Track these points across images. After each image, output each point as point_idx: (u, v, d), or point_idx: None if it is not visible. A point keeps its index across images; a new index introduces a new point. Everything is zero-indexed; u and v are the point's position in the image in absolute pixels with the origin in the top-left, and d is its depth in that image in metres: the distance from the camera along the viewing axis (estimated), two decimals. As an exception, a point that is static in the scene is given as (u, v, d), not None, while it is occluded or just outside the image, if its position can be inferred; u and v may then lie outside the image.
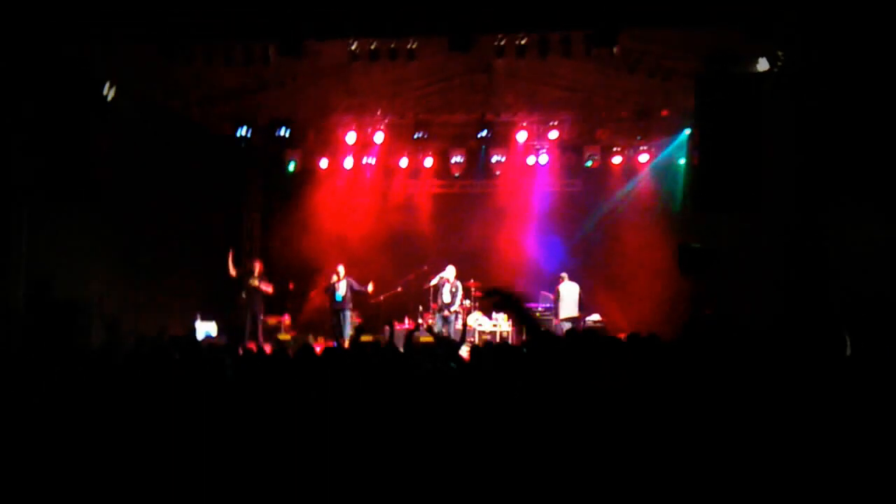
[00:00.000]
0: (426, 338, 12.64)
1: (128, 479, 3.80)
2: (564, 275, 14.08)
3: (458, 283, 13.96)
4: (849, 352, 4.00)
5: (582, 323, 13.80)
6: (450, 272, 13.93)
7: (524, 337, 11.79)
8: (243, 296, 13.76)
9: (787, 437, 3.62)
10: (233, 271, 13.59)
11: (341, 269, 13.96)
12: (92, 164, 10.40)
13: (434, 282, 14.02)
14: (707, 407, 4.00)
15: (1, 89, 9.55)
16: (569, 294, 13.94)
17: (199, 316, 13.35)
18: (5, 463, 3.87)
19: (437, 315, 13.98)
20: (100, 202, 10.82)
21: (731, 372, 4.35)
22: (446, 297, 13.90)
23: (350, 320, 13.89)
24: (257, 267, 13.95)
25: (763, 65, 9.98)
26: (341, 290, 13.83)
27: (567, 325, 13.68)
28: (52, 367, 5.04)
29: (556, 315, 14.00)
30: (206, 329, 13.28)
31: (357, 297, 14.11)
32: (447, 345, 5.80)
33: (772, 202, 9.63)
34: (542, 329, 4.17)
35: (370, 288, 13.91)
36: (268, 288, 13.82)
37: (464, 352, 6.78)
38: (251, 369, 4.97)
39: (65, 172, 10.17)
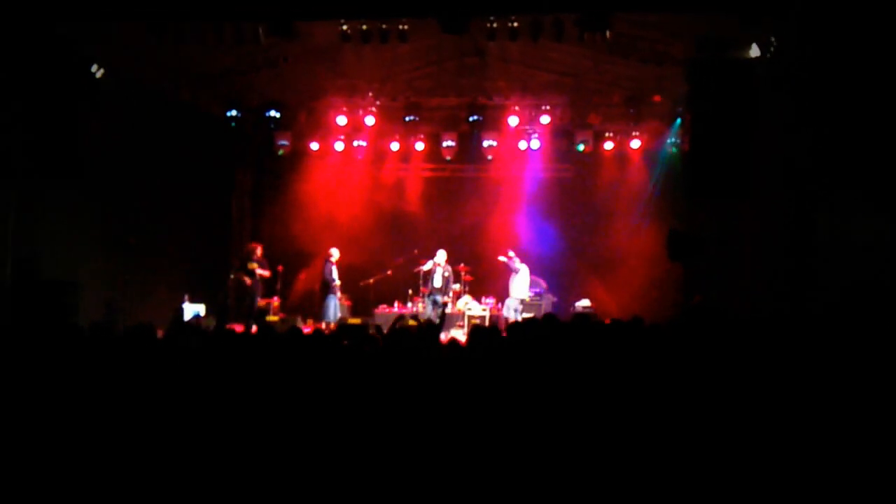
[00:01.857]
0: (412, 322, 12.68)
1: (116, 453, 3.78)
2: (512, 252, 14.00)
3: (450, 268, 13.96)
4: None
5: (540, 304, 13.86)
6: (441, 257, 13.92)
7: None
8: (231, 276, 13.70)
9: (779, 425, 3.62)
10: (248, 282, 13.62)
11: (335, 251, 13.92)
12: (80, 144, 10.35)
13: (427, 267, 13.99)
14: (699, 390, 4.00)
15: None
16: (523, 274, 13.93)
17: (186, 297, 13.29)
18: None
19: (428, 299, 13.97)
20: (88, 182, 10.77)
21: (724, 357, 4.35)
22: (438, 282, 13.91)
23: (340, 303, 13.84)
24: (258, 250, 13.88)
25: (755, 51, 9.96)
26: (335, 273, 13.80)
27: (520, 308, 13.70)
28: (43, 345, 5.01)
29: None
30: (194, 310, 13.23)
31: (346, 280, 14.08)
32: (429, 329, 5.79)
33: (762, 189, 9.63)
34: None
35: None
36: (264, 272, 13.75)
37: (459, 335, 6.85)
38: (231, 348, 4.96)
39: (53, 152, 10.13)
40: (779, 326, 5.56)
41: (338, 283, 13.69)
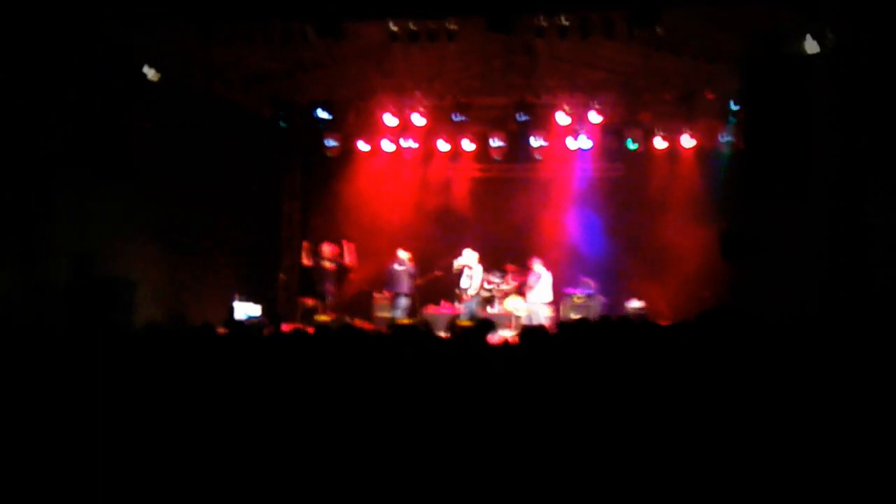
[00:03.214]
0: (465, 322, 12.67)
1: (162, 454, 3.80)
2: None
3: (478, 268, 14.05)
4: None
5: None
6: (467, 257, 14.05)
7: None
8: (282, 276, 13.91)
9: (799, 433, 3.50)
10: (307, 261, 13.95)
11: (403, 254, 14.09)
12: (133, 144, 10.52)
13: (455, 267, 14.14)
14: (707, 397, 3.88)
15: (45, 69, 9.66)
16: (546, 276, 13.89)
17: (237, 296, 13.43)
18: (52, 435, 3.90)
19: (473, 300, 14.05)
20: (141, 181, 10.95)
21: (739, 365, 4.20)
22: (464, 283, 14.07)
23: (403, 307, 13.95)
24: (327, 249, 14.12)
25: (811, 45, 9.72)
26: (402, 276, 13.96)
27: (546, 311, 13.74)
28: (98, 344, 5.07)
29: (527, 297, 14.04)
30: (246, 310, 13.36)
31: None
32: (482, 328, 5.75)
33: (818, 188, 9.40)
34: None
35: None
36: (350, 258, 14.07)
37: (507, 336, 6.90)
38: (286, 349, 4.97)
39: (107, 151, 10.31)
40: (815, 329, 5.35)
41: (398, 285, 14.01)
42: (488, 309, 14.16)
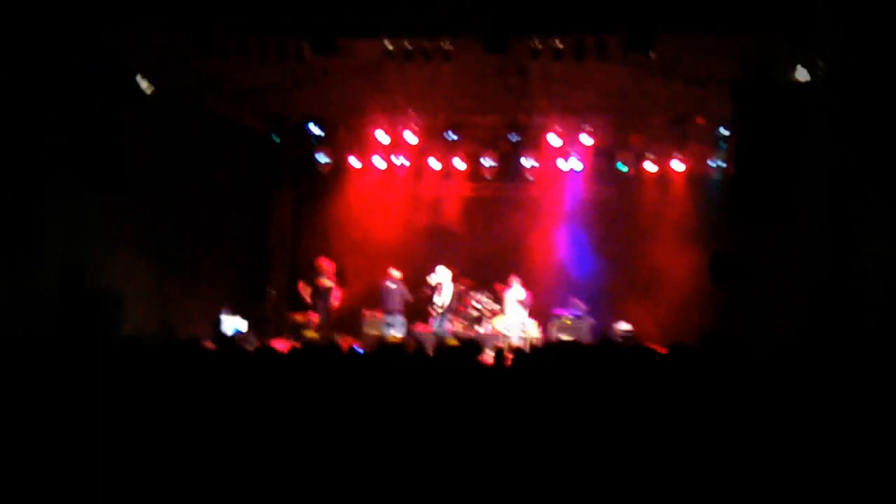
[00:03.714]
0: (452, 341, 12.67)
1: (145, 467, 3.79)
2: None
3: (451, 286, 14.24)
4: None
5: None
6: (440, 275, 14.17)
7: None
8: (273, 292, 13.85)
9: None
10: (307, 297, 14.03)
11: (395, 272, 14.13)
12: (125, 156, 10.50)
13: (432, 283, 14.22)
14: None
15: (38, 78, 9.65)
16: (521, 294, 14.05)
17: (224, 310, 13.37)
18: (39, 444, 3.89)
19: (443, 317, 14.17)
20: (132, 193, 10.93)
21: (741, 391, 4.22)
22: (437, 302, 14.22)
23: (397, 324, 13.96)
24: (326, 266, 14.19)
25: (803, 74, 9.82)
26: (394, 294, 13.96)
27: (533, 331, 13.85)
28: (88, 355, 5.04)
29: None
30: (234, 325, 13.30)
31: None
32: (469, 348, 5.76)
33: (807, 213, 9.46)
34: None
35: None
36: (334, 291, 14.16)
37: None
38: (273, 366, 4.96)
39: (98, 162, 10.30)
40: (806, 357, 5.36)
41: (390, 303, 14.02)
42: (476, 328, 14.15)
